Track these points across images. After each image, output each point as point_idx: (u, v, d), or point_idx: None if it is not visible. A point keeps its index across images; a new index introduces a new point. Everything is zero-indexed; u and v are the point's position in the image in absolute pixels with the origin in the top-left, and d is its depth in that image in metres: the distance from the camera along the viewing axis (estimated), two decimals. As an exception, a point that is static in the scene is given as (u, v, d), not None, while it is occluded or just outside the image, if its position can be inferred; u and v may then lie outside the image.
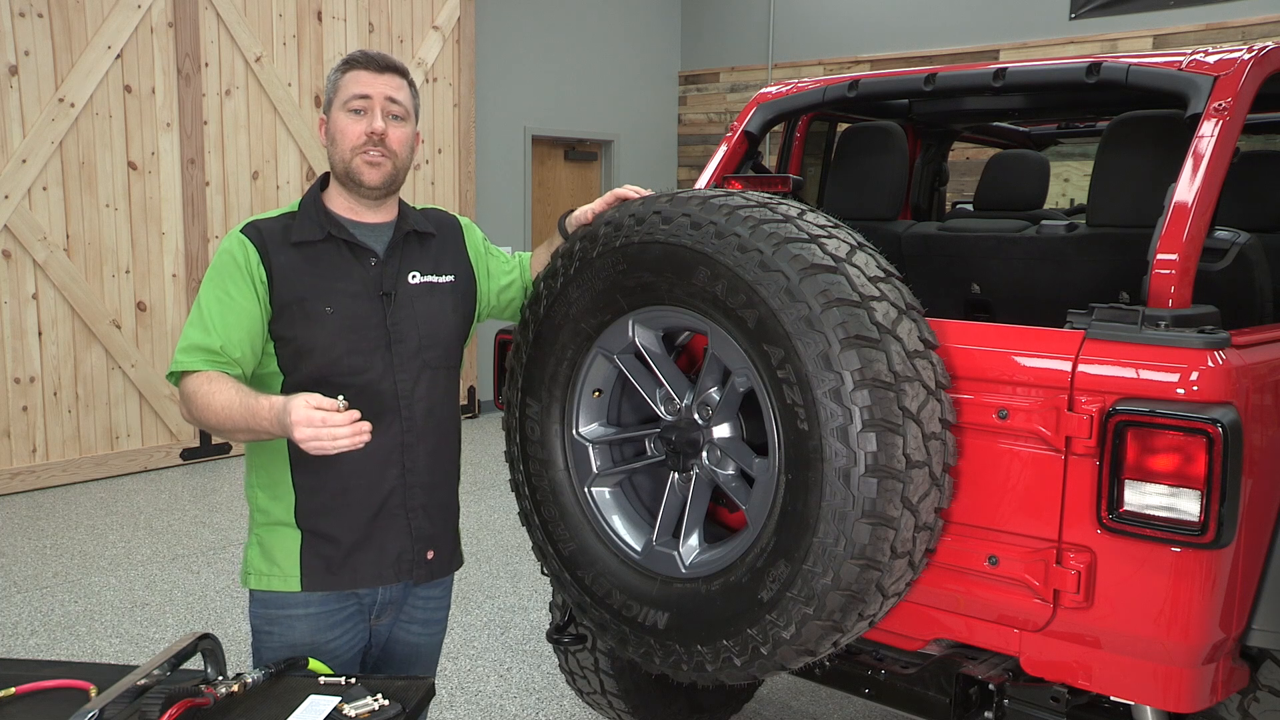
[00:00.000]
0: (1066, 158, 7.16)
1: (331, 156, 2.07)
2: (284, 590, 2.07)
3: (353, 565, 2.09)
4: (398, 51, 7.76)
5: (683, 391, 2.24)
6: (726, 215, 2.03)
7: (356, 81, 2.04)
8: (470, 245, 2.29)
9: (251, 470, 2.13)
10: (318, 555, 2.07)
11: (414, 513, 2.13)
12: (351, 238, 2.07)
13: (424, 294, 2.13)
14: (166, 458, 6.87)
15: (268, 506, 2.09)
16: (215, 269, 2.03)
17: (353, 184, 2.06)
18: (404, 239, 2.14)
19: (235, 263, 2.01)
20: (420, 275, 2.14)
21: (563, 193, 9.56)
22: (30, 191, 6.11)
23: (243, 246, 2.02)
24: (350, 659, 2.14)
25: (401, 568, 2.14)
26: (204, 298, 2.01)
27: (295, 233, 2.05)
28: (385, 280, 2.08)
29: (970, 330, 2.17)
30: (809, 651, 2.01)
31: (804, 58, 9.32)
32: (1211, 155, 2.22)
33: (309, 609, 2.08)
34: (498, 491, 6.26)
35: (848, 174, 3.47)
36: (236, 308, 1.99)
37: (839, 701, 3.66)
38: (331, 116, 2.06)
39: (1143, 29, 7.53)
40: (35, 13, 6.04)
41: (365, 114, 2.03)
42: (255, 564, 2.10)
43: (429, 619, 2.27)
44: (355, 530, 2.08)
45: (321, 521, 2.07)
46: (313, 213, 2.08)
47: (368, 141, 2.02)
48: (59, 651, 4.08)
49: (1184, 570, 1.91)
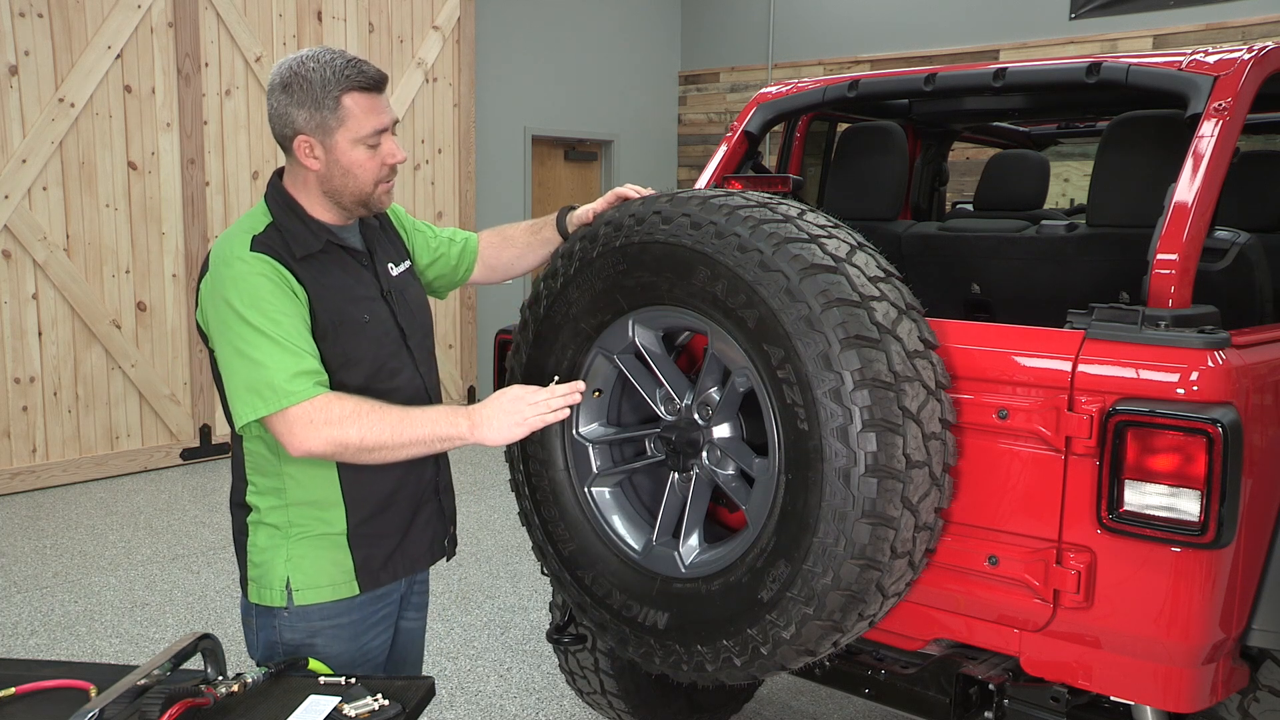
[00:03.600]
0: (1066, 158, 7.16)
1: (340, 185, 1.95)
2: (334, 600, 2.01)
3: (398, 556, 2.10)
4: (397, 51, 7.77)
5: (683, 391, 2.24)
6: (726, 215, 2.03)
7: (371, 112, 1.91)
8: (400, 228, 2.25)
9: (272, 492, 2.00)
10: (370, 557, 2.05)
11: (444, 493, 2.20)
12: (344, 241, 2.03)
13: (405, 283, 2.14)
14: (166, 458, 6.87)
15: (308, 523, 1.99)
16: (252, 294, 1.84)
17: (362, 209, 2.01)
18: (370, 232, 2.11)
19: (273, 282, 1.86)
20: (395, 266, 2.13)
21: (563, 193, 9.57)
22: (30, 191, 6.11)
23: (269, 265, 1.87)
24: (382, 659, 2.15)
25: (436, 549, 2.20)
26: (263, 326, 1.82)
27: (297, 247, 1.92)
28: (382, 278, 2.07)
29: (970, 330, 2.17)
30: (809, 651, 2.01)
31: (804, 58, 9.32)
32: (1211, 155, 2.22)
33: (353, 615, 2.05)
34: (498, 491, 6.26)
35: (848, 174, 3.47)
36: (299, 325, 1.86)
37: (839, 701, 3.66)
38: (337, 145, 1.91)
39: (1143, 29, 7.53)
40: (35, 13, 6.04)
41: (380, 146, 1.95)
42: (303, 579, 1.99)
43: (421, 604, 2.29)
44: (402, 525, 2.09)
45: (370, 525, 2.04)
46: (298, 224, 1.95)
47: (390, 173, 1.98)
48: (59, 651, 4.08)
49: (1184, 570, 1.91)
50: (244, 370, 1.84)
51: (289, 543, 2.00)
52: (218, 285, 1.89)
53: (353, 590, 2.03)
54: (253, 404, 1.83)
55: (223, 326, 1.87)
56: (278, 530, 2.01)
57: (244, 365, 1.83)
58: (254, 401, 1.83)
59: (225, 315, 1.86)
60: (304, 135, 1.91)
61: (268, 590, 2.01)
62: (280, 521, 2.01)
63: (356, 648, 2.06)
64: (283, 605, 2.00)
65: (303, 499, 1.99)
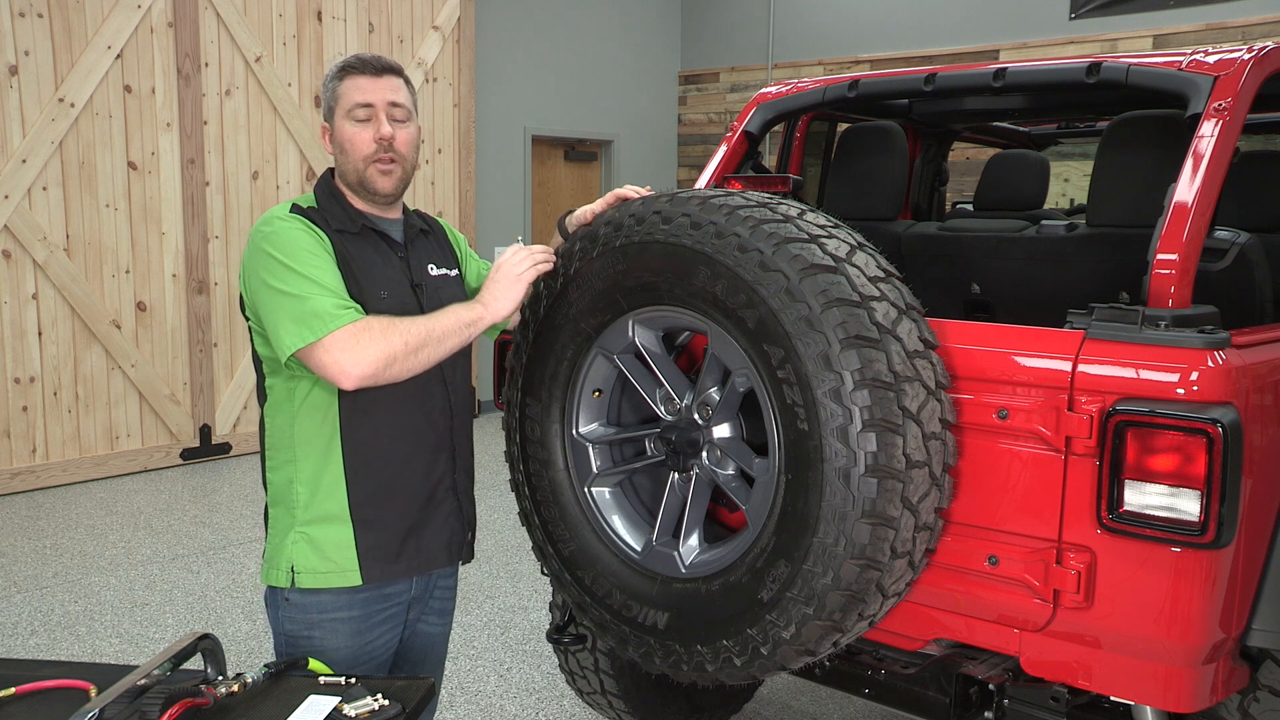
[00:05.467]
0: (1066, 158, 7.16)
1: (342, 165, 2.07)
2: (342, 586, 2.03)
3: (409, 551, 2.09)
4: (397, 52, 7.77)
5: (683, 391, 2.24)
6: (726, 215, 2.03)
7: (358, 89, 2.03)
8: (455, 244, 2.34)
9: (285, 465, 2.06)
10: (374, 546, 2.05)
11: (463, 494, 2.20)
12: (383, 230, 2.11)
13: (443, 285, 2.18)
14: (166, 458, 6.87)
15: (311, 500, 2.03)
16: (291, 243, 1.94)
17: (367, 192, 2.07)
18: (417, 234, 2.19)
19: (310, 236, 1.96)
20: (436, 268, 2.19)
21: (563, 193, 9.56)
22: (30, 191, 6.11)
23: (304, 223, 1.98)
24: (386, 660, 2.14)
25: (453, 550, 2.19)
26: (301, 269, 1.91)
27: (334, 222, 2.03)
28: (415, 271, 2.12)
29: (970, 330, 2.17)
30: (809, 651, 2.01)
31: (804, 58, 9.32)
32: (1211, 155, 2.22)
33: (353, 611, 2.05)
34: (498, 491, 6.26)
35: (848, 174, 3.47)
36: (337, 273, 1.95)
37: (839, 701, 3.66)
38: (336, 125, 2.06)
39: (1143, 29, 7.53)
40: (35, 13, 6.04)
41: (371, 121, 2.03)
42: (306, 562, 2.02)
43: (444, 609, 2.29)
44: (409, 516, 2.09)
45: (376, 511, 2.05)
46: (337, 206, 2.07)
47: (379, 149, 2.03)
48: (59, 651, 4.08)
49: (1184, 570, 1.91)
50: (289, 305, 1.89)
51: (300, 524, 2.04)
52: (258, 242, 1.97)
53: (355, 580, 2.03)
54: (300, 334, 1.87)
55: (266, 273, 1.93)
56: (288, 510, 2.06)
57: (289, 301, 1.89)
58: (301, 331, 1.87)
59: (267, 264, 1.94)
60: (324, 124, 2.10)
61: (275, 571, 2.06)
62: (290, 499, 2.05)
63: (357, 645, 2.06)
64: (287, 586, 2.03)
65: (310, 475, 2.03)
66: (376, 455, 2.04)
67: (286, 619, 2.05)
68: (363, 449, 2.02)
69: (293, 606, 2.04)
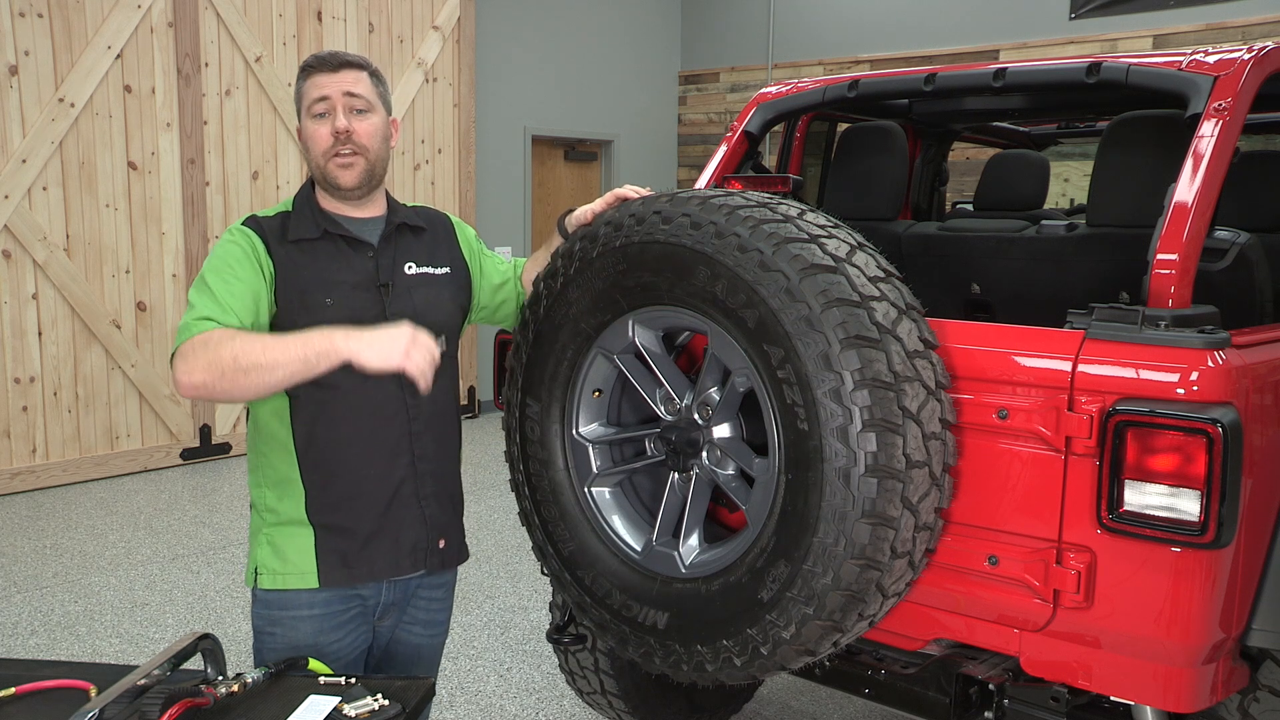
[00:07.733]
0: (1066, 158, 7.16)
1: (309, 164, 2.09)
2: (300, 588, 2.06)
3: (369, 557, 2.08)
4: (397, 51, 7.77)
5: (683, 391, 2.24)
6: (726, 215, 2.03)
7: (315, 86, 2.05)
8: (463, 241, 2.30)
9: (257, 469, 2.13)
10: (333, 550, 2.06)
11: (426, 500, 2.14)
12: (347, 233, 2.09)
13: (421, 284, 2.15)
14: (166, 458, 6.87)
15: (276, 505, 2.09)
16: (219, 257, 2.01)
17: (331, 187, 2.08)
18: (396, 231, 2.15)
19: (242, 249, 2.01)
20: (416, 266, 2.15)
21: (563, 193, 9.56)
22: (30, 191, 6.11)
23: (247, 236, 2.03)
24: (353, 661, 2.13)
25: (417, 557, 2.15)
26: (210, 279, 1.97)
27: (293, 231, 2.06)
28: (382, 271, 2.10)
29: (970, 330, 2.17)
30: (809, 651, 2.01)
31: (804, 58, 9.32)
32: (1211, 155, 2.22)
33: (314, 610, 2.07)
34: (498, 491, 6.26)
35: (848, 174, 3.47)
36: (244, 289, 1.97)
37: (839, 701, 3.66)
38: (302, 125, 2.08)
39: (1143, 29, 7.53)
40: (35, 13, 6.04)
41: (328, 115, 2.04)
42: (267, 563, 2.08)
43: (431, 620, 2.26)
44: (369, 522, 2.08)
45: (334, 516, 2.06)
46: (307, 211, 2.09)
47: (336, 143, 2.03)
48: (59, 651, 4.08)
49: (1184, 570, 1.91)
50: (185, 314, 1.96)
51: (266, 526, 2.11)
52: None
53: (313, 582, 2.06)
54: (175, 341, 1.93)
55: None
56: (258, 512, 2.13)
57: (186, 311, 1.96)
58: (176, 339, 1.93)
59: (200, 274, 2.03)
60: (298, 126, 2.11)
61: (249, 572, 2.13)
62: (260, 503, 2.12)
63: (321, 644, 2.07)
64: (253, 585, 2.11)
65: (273, 478, 2.09)
66: (330, 460, 2.05)
67: (255, 615, 2.13)
68: (316, 454, 2.05)
69: (259, 603, 2.11)
